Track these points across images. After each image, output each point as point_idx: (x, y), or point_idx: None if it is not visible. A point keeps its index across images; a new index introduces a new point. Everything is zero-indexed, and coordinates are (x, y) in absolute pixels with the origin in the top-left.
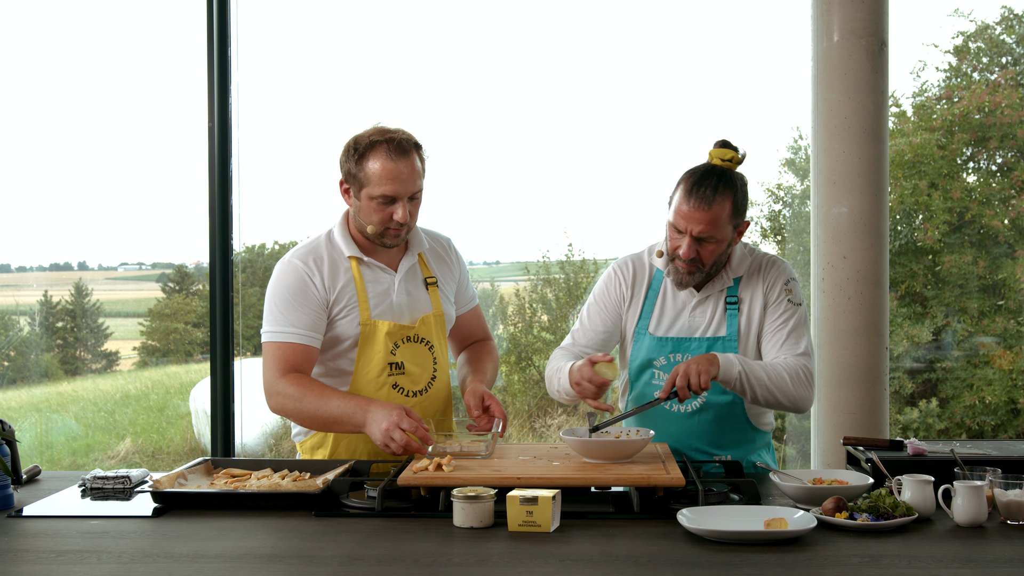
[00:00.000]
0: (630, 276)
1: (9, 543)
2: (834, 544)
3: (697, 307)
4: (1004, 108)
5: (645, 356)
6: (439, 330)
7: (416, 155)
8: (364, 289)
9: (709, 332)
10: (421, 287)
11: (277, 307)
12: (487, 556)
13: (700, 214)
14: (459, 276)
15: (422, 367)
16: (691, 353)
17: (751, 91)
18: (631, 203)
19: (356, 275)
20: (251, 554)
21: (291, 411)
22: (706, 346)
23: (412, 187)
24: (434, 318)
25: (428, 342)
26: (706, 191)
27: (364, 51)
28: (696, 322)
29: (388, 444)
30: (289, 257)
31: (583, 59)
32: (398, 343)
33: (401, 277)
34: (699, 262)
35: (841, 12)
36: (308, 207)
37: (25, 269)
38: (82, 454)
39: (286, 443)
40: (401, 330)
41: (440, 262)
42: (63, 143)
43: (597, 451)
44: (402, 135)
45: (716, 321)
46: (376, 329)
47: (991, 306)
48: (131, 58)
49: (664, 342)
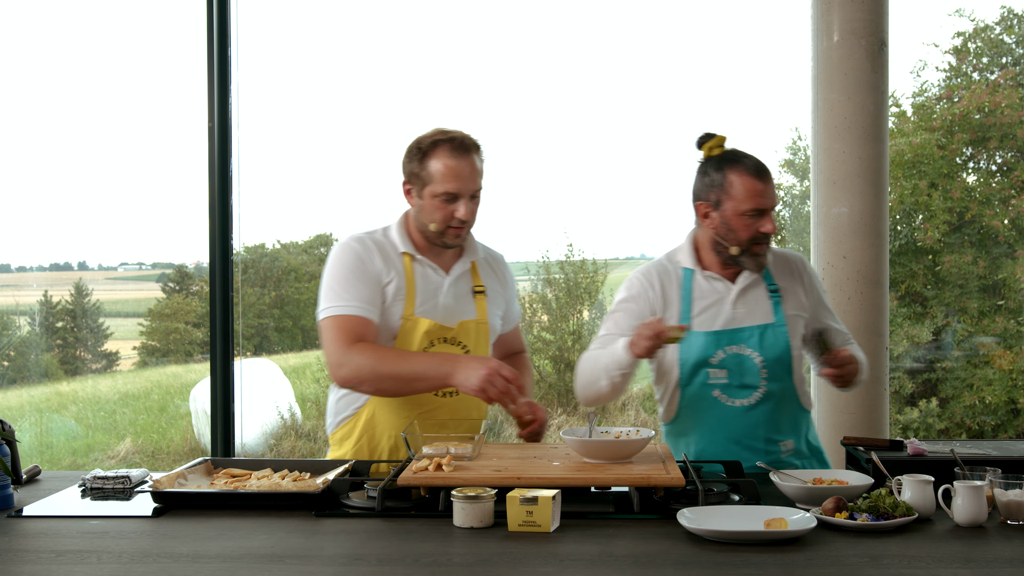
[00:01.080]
0: (657, 280)
1: (9, 543)
2: (834, 544)
3: (739, 298)
4: (1004, 108)
5: (698, 355)
6: (479, 337)
7: (476, 154)
8: (414, 285)
9: (759, 320)
10: (469, 294)
11: (337, 283)
12: (487, 556)
13: (766, 186)
14: (508, 293)
15: None
16: (746, 343)
17: (751, 91)
18: (631, 203)
19: (408, 270)
20: (251, 554)
21: (367, 376)
22: (758, 333)
23: (473, 185)
24: (476, 325)
25: (465, 346)
26: (761, 164)
27: (363, 51)
28: (740, 312)
29: (487, 389)
30: (347, 239)
31: (583, 60)
32: (434, 342)
33: (451, 280)
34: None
35: (841, 12)
36: (308, 207)
37: (25, 269)
38: (82, 454)
39: (286, 443)
40: (440, 330)
41: (492, 275)
42: (63, 143)
43: (597, 451)
44: (463, 135)
45: (764, 309)
46: (416, 325)
47: (991, 306)
48: (131, 58)
49: (719, 336)
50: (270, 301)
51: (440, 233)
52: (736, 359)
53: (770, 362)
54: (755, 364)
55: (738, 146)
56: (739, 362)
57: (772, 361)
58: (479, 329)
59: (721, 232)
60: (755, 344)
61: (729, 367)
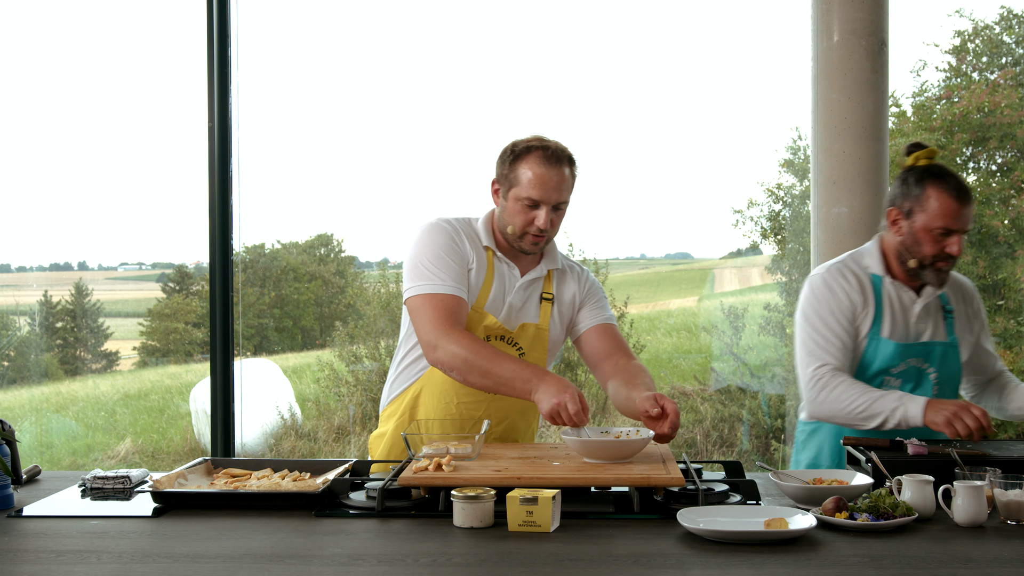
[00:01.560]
0: (855, 282)
1: (9, 543)
2: (834, 544)
3: (920, 312)
4: (1004, 108)
5: (883, 363)
6: (536, 342)
7: (568, 167)
8: (492, 279)
9: (939, 337)
10: (537, 299)
11: (429, 261)
12: (487, 556)
13: (967, 210)
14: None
15: None
16: (927, 358)
17: (751, 91)
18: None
19: (489, 263)
20: (251, 554)
21: (459, 365)
22: (939, 351)
23: (557, 196)
24: (535, 329)
25: (520, 347)
26: (964, 188)
27: (364, 51)
28: (920, 328)
29: (554, 416)
30: (436, 220)
31: (582, 59)
32: (489, 337)
33: (524, 283)
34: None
35: (841, 12)
36: (308, 207)
37: (25, 269)
38: (82, 454)
39: (286, 443)
40: (499, 329)
41: (564, 287)
42: (63, 143)
43: (597, 451)
44: (558, 145)
45: (939, 327)
46: (482, 319)
47: (991, 306)
48: (131, 58)
49: (907, 349)
50: (270, 301)
51: (518, 237)
52: (915, 372)
53: (943, 380)
54: (930, 380)
55: (737, 146)
56: (918, 375)
57: (944, 379)
58: (538, 334)
59: (907, 242)
60: (935, 360)
61: (906, 379)
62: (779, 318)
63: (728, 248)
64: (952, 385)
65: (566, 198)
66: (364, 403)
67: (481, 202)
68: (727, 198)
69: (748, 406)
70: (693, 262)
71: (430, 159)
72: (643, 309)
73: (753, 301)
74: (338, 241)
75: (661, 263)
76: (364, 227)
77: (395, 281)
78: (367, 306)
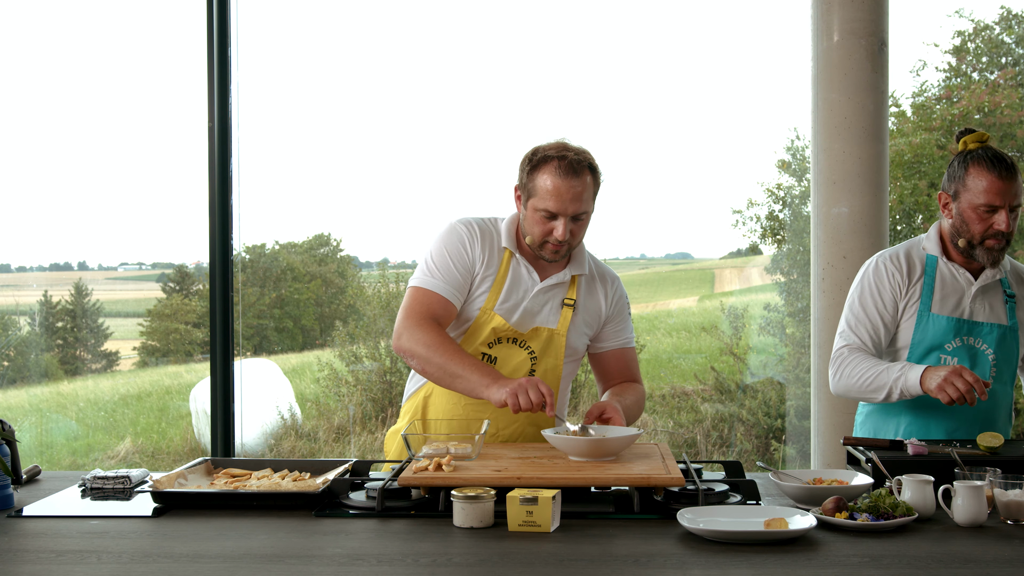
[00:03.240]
0: (904, 265)
1: (9, 543)
2: (834, 544)
3: (979, 294)
4: (1004, 108)
5: (935, 338)
6: (551, 346)
7: (588, 177)
8: (504, 281)
9: (997, 319)
10: (558, 304)
11: (437, 259)
12: (487, 556)
13: (1011, 184)
14: (608, 314)
15: (515, 371)
16: (983, 338)
17: (751, 92)
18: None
19: (504, 266)
20: (251, 554)
21: (419, 354)
22: (997, 332)
23: (576, 207)
24: (550, 334)
25: (531, 349)
26: (1006, 162)
27: (364, 52)
28: (978, 307)
29: (514, 404)
30: (458, 221)
31: (582, 59)
32: (502, 339)
33: (543, 287)
34: (1010, 235)
35: (841, 12)
36: (308, 207)
37: (25, 269)
38: (82, 454)
39: (286, 443)
40: (509, 331)
41: (591, 294)
42: (63, 143)
43: (581, 449)
44: (577, 155)
45: (1000, 311)
46: (490, 319)
47: None
48: (131, 58)
49: (959, 324)
50: (270, 301)
51: (538, 247)
52: (970, 351)
53: (1000, 361)
54: (988, 360)
55: (737, 146)
56: (973, 354)
57: (1002, 361)
58: (553, 340)
59: (956, 223)
60: (992, 341)
61: (961, 357)
62: (779, 318)
63: (728, 248)
64: (1011, 370)
65: (587, 208)
66: (364, 403)
67: (481, 202)
68: (727, 198)
69: (748, 406)
70: (693, 262)
71: (430, 159)
72: (643, 309)
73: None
74: (338, 241)
75: (661, 263)
76: (364, 227)
77: (395, 281)
78: (367, 306)
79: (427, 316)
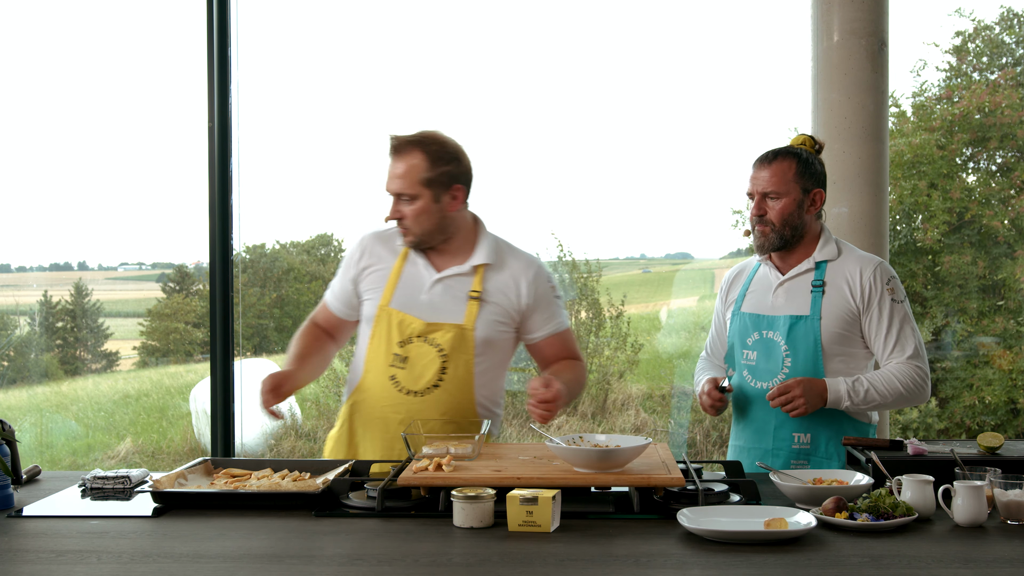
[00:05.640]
0: (731, 278)
1: (9, 543)
2: (834, 544)
3: (780, 287)
4: (1004, 108)
5: (739, 335)
6: (460, 343)
7: (415, 155)
8: (397, 278)
9: (792, 311)
10: (462, 297)
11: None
12: (487, 556)
13: (762, 172)
14: (528, 303)
15: (426, 370)
16: (778, 330)
17: (751, 92)
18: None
19: (398, 264)
20: (251, 554)
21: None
22: (789, 323)
23: (396, 186)
24: (459, 330)
25: (443, 350)
26: (767, 153)
27: (363, 51)
28: (779, 301)
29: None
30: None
31: (578, 60)
32: (411, 339)
33: (438, 278)
34: (769, 221)
35: (841, 12)
36: (308, 207)
37: (25, 269)
38: (82, 454)
39: (286, 443)
40: (415, 325)
41: (501, 281)
42: (63, 143)
43: (584, 460)
44: (401, 135)
45: (800, 301)
46: (389, 316)
47: (991, 306)
48: (131, 58)
49: (758, 319)
50: (270, 301)
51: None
52: (766, 344)
53: (794, 352)
54: (781, 351)
55: (737, 146)
56: (768, 347)
57: (796, 351)
58: (461, 335)
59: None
60: (784, 333)
61: (759, 350)
62: None
63: (728, 248)
64: (808, 356)
65: (411, 191)
66: None
67: (481, 202)
68: (727, 198)
69: None
70: (693, 262)
71: None
72: (643, 309)
73: None
74: (338, 241)
75: (661, 263)
76: (364, 227)
77: None
78: None
79: (312, 320)
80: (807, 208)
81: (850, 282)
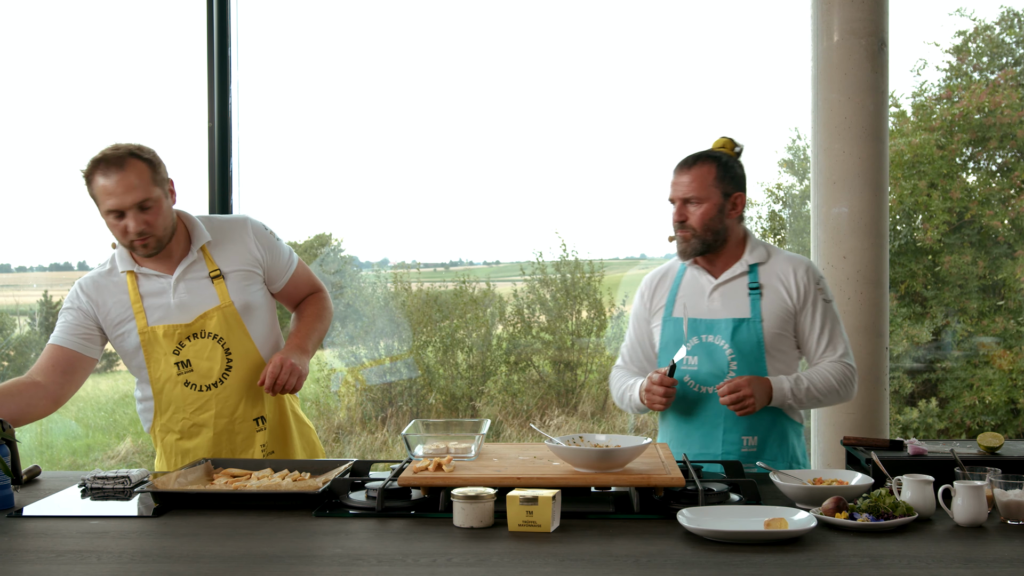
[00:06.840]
0: (654, 283)
1: (9, 543)
2: (834, 544)
3: (715, 291)
4: (1004, 108)
5: (674, 341)
6: (230, 322)
7: (136, 164)
8: (139, 300)
9: (732, 314)
10: (205, 283)
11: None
12: (487, 556)
13: (682, 177)
14: (263, 254)
15: (211, 361)
16: (720, 333)
17: (751, 91)
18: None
19: (131, 289)
20: (251, 554)
21: None
22: (732, 327)
23: (133, 197)
24: (220, 311)
25: (216, 335)
26: (687, 158)
27: (363, 51)
28: (716, 305)
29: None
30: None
31: (579, 60)
32: (182, 342)
33: (177, 277)
34: (690, 227)
35: (841, 12)
36: (308, 207)
37: (25, 269)
38: (82, 454)
39: None
40: (179, 330)
41: (230, 249)
42: (64, 143)
43: (584, 460)
44: (113, 151)
45: (738, 303)
46: (155, 335)
47: (991, 306)
48: (131, 58)
49: (695, 323)
50: None
51: (130, 247)
52: (707, 347)
53: (739, 354)
54: (725, 354)
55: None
56: (710, 351)
57: (741, 353)
58: (226, 313)
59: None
60: (728, 335)
61: (700, 354)
62: None
63: None
64: (752, 357)
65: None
66: (364, 403)
67: (481, 201)
68: None
69: None
70: None
71: (430, 159)
72: None
73: None
74: (338, 241)
75: (661, 263)
76: (364, 227)
77: (394, 281)
78: (366, 306)
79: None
80: (728, 212)
81: (785, 283)
